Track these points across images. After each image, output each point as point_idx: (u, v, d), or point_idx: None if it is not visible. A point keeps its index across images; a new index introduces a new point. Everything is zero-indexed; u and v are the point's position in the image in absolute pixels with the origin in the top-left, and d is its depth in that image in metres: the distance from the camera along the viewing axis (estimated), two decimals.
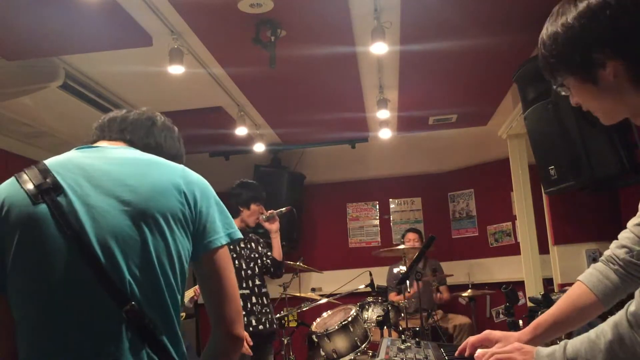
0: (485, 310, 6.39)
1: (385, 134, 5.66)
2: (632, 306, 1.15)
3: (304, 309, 4.94)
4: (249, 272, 3.77)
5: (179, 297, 1.34)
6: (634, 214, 1.44)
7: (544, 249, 4.65)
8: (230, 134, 5.45)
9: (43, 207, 1.26)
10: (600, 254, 1.52)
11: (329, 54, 3.98)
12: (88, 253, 1.23)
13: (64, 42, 3.57)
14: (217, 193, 1.47)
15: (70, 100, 4.12)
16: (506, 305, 2.78)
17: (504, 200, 6.28)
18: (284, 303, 5.46)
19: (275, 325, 3.90)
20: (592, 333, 1.21)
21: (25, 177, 1.32)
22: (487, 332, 1.51)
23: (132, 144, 1.48)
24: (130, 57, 3.92)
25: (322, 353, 4.00)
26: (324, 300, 4.88)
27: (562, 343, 1.24)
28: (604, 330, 1.18)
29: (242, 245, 3.83)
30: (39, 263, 1.25)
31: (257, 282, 3.78)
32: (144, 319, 1.25)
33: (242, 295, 3.66)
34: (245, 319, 3.63)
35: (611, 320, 1.18)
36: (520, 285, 5.01)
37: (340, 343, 3.91)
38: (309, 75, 4.47)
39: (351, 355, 3.88)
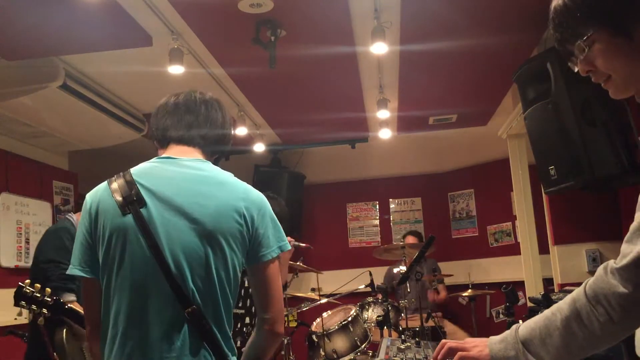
0: (485, 310, 6.39)
1: (385, 134, 5.66)
2: (590, 281, 1.13)
3: (304, 309, 4.93)
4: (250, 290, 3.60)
5: (231, 302, 1.61)
6: (633, 214, 1.43)
7: (544, 249, 4.64)
8: None
9: (129, 217, 1.54)
10: (601, 254, 1.51)
11: (329, 54, 3.97)
12: (161, 260, 1.51)
13: (64, 42, 3.57)
14: None
15: (70, 100, 4.12)
16: (506, 305, 2.79)
17: (504, 200, 6.28)
18: (284, 303, 5.45)
19: None
20: (548, 310, 1.17)
21: (115, 186, 1.58)
22: (468, 340, 1.35)
23: (202, 149, 1.70)
24: (130, 57, 3.92)
25: (322, 353, 4.00)
26: (324, 300, 4.87)
27: (514, 326, 1.20)
28: (561, 307, 1.15)
29: None
30: (125, 261, 1.53)
31: None
32: (202, 320, 1.52)
33: (235, 315, 3.51)
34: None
35: (569, 296, 1.15)
36: (520, 285, 5.00)
37: (340, 343, 3.91)
38: (309, 75, 4.47)
39: (351, 355, 3.88)
